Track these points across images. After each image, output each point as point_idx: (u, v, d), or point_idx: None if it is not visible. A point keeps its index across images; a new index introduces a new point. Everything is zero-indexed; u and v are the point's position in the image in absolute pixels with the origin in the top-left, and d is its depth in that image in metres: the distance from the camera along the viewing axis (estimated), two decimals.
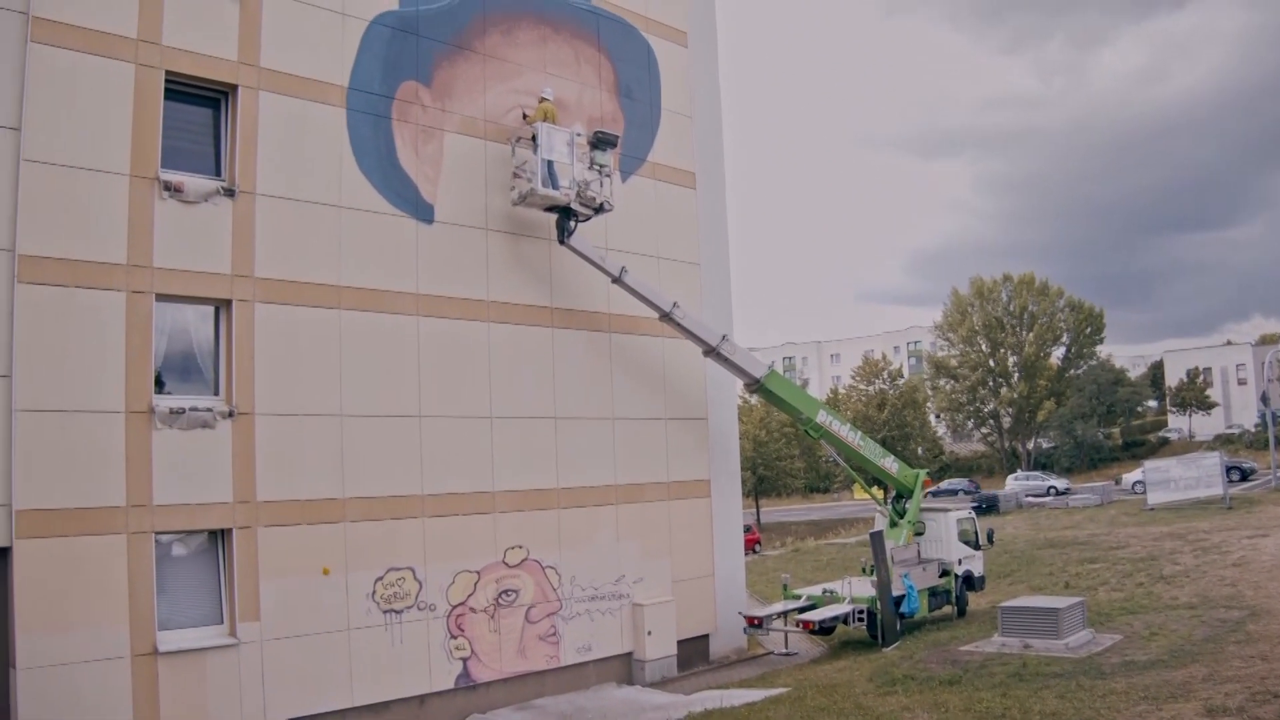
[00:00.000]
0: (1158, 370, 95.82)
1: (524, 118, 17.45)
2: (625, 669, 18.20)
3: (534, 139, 16.91)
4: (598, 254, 17.72)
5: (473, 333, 16.56)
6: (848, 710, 13.18)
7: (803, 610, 19.82)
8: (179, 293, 13.41)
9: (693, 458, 20.03)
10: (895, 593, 19.10)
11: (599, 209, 17.60)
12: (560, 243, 17.46)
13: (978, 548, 22.34)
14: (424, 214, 16.13)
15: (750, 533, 42.20)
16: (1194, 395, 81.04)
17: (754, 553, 41.14)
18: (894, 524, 20.90)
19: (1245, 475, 49.98)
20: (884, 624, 18.78)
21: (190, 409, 13.25)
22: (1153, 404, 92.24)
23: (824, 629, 19.94)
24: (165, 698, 12.56)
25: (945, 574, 21.21)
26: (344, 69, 15.35)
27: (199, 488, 13.26)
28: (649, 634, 18.19)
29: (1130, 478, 50.73)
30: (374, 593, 14.83)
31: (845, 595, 19.78)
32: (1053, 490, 55.07)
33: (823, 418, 19.94)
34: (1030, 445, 76.49)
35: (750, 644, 20.90)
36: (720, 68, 22.08)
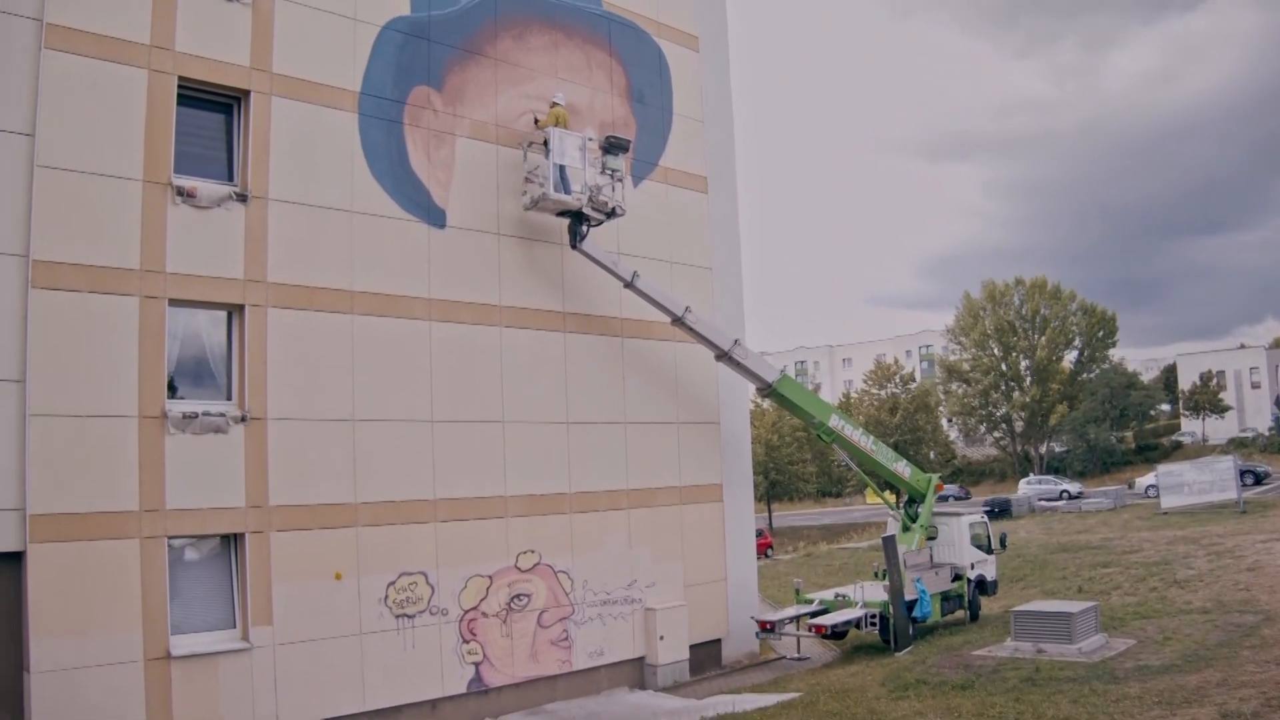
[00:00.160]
0: (1171, 374, 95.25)
1: (535, 123, 17.47)
2: (637, 673, 18.17)
3: (546, 144, 16.90)
4: (610, 259, 17.72)
5: (485, 337, 16.57)
6: (860, 715, 13.13)
7: (815, 615, 19.75)
8: (192, 298, 13.47)
9: (705, 462, 20.00)
10: (908, 597, 19.04)
11: (611, 214, 17.61)
12: (572, 247, 17.48)
13: (990, 552, 22.27)
14: (436, 219, 16.16)
15: (762, 537, 42.21)
16: (1207, 399, 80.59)
17: (766, 557, 41.08)
18: (906, 528, 20.77)
19: (1259, 479, 49.63)
20: (896, 628, 18.73)
21: (203, 414, 13.30)
22: (1166, 408, 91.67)
23: (836, 634, 19.84)
24: (178, 702, 12.59)
25: (958, 578, 21.14)
26: (356, 74, 15.41)
27: (212, 492, 13.30)
28: (661, 638, 18.15)
29: (1143, 482, 50.52)
30: (386, 597, 14.85)
31: (858, 600, 19.73)
32: (1065, 494, 54.81)
33: (835, 422, 19.87)
34: (1043, 449, 76.12)
35: (762, 649, 20.85)
36: (732, 72, 22.09)
